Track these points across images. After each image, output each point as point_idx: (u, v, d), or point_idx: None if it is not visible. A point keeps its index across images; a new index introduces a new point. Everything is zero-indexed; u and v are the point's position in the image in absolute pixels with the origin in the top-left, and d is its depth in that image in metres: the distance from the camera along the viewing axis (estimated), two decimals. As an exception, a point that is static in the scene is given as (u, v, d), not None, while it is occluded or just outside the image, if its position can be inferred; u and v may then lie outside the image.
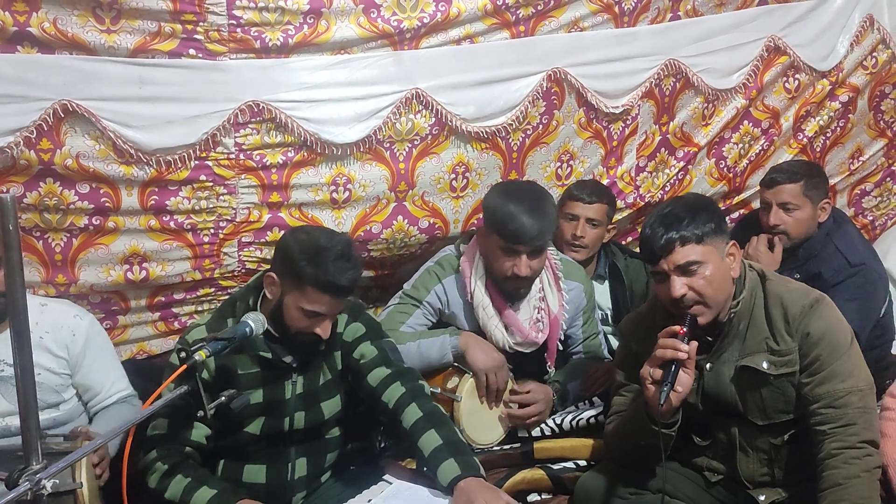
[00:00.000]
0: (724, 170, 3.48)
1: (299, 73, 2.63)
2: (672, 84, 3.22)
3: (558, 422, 2.58)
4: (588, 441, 2.48)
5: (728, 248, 2.08)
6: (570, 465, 2.44)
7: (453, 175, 2.93)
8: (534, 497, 2.42)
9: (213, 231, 2.72)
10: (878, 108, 3.65)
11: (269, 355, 2.17)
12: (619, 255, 3.12)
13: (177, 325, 2.87)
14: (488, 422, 2.53)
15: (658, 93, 3.20)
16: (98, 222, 2.58)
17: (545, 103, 2.98)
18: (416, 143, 2.83)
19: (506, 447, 2.53)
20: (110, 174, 2.52)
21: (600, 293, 3.08)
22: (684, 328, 1.98)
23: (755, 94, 3.37)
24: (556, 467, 2.44)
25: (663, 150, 3.33)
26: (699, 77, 3.23)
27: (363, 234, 2.85)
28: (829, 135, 3.63)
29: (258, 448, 2.23)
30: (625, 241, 3.46)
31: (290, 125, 2.63)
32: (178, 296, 2.83)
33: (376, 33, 2.66)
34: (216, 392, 1.90)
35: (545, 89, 2.95)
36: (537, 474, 2.42)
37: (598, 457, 2.42)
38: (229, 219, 2.71)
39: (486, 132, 2.90)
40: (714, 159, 3.47)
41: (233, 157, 2.63)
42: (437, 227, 2.97)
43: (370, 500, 2.06)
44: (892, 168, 3.82)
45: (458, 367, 2.53)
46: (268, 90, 2.59)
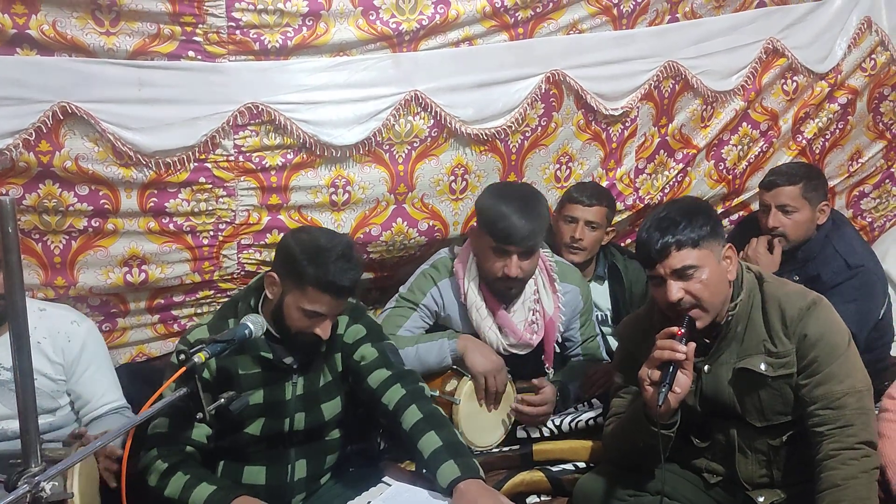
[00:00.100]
0: (724, 171, 3.49)
1: (298, 75, 2.63)
2: (671, 86, 3.22)
3: (557, 423, 2.58)
4: (587, 443, 2.48)
5: (724, 251, 2.07)
6: (569, 466, 2.44)
7: (452, 177, 2.93)
8: (533, 499, 2.42)
9: (212, 233, 2.72)
10: (877, 109, 3.66)
11: (270, 356, 2.17)
12: (618, 256, 3.11)
13: (176, 327, 2.87)
14: (487, 424, 2.52)
15: (657, 95, 3.20)
16: (97, 224, 2.58)
17: (544, 105, 2.99)
18: (415, 145, 2.83)
19: (505, 449, 2.53)
20: (109, 176, 2.52)
21: (600, 294, 3.08)
22: (682, 329, 1.98)
23: (754, 96, 3.38)
24: (555, 469, 2.44)
25: (662, 151, 3.33)
26: (698, 79, 3.24)
27: (362, 236, 2.85)
28: (827, 137, 3.63)
29: (258, 449, 2.23)
30: (624, 243, 3.46)
31: (290, 127, 2.63)
32: (178, 298, 2.83)
33: (375, 35, 2.67)
34: (217, 392, 1.90)
35: (544, 91, 2.96)
36: (536, 476, 2.42)
37: (597, 458, 2.42)
38: (228, 221, 2.72)
39: (485, 134, 2.90)
40: (713, 161, 3.47)
41: (232, 159, 2.64)
42: (436, 229, 2.97)
43: (369, 502, 2.05)
44: (891, 170, 3.82)
45: (456, 370, 2.52)
46: (267, 92, 2.59)
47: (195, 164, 2.60)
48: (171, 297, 2.82)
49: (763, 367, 2.05)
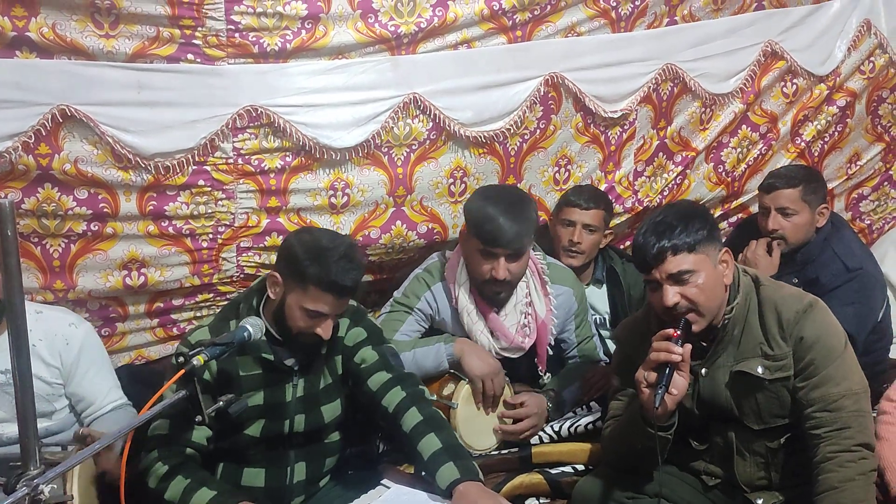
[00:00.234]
0: (723, 174, 3.49)
1: (297, 77, 2.64)
2: (669, 89, 3.23)
3: (556, 429, 2.57)
4: (586, 445, 2.48)
5: (721, 255, 2.07)
6: (567, 469, 2.44)
7: (451, 180, 2.93)
8: (532, 501, 2.42)
9: (211, 236, 2.72)
10: (876, 112, 3.66)
11: (272, 357, 2.17)
12: (616, 259, 3.11)
13: (175, 331, 2.88)
14: (485, 427, 2.52)
15: (656, 97, 3.20)
16: (96, 228, 2.58)
17: (542, 108, 2.99)
18: (414, 147, 2.84)
19: (504, 452, 2.53)
20: (108, 179, 2.52)
21: (598, 297, 3.08)
22: (678, 331, 1.97)
23: (753, 99, 3.38)
24: (553, 472, 2.43)
25: (661, 154, 3.33)
26: (696, 82, 3.24)
27: (362, 238, 2.85)
28: (826, 139, 3.63)
29: (257, 451, 2.23)
30: (623, 246, 3.45)
31: (289, 130, 2.64)
32: (177, 302, 2.83)
33: (374, 38, 2.67)
34: (218, 393, 1.90)
35: (542, 94, 2.96)
36: (535, 479, 2.41)
37: (595, 461, 2.42)
38: (228, 224, 2.72)
39: (484, 137, 2.91)
40: (712, 164, 3.47)
41: (231, 161, 2.64)
42: (435, 231, 2.97)
43: (368, 505, 2.06)
44: (890, 172, 3.81)
45: (453, 374, 2.52)
46: (266, 95, 2.60)
47: (194, 166, 2.60)
48: (171, 300, 2.82)
49: (760, 370, 2.05)
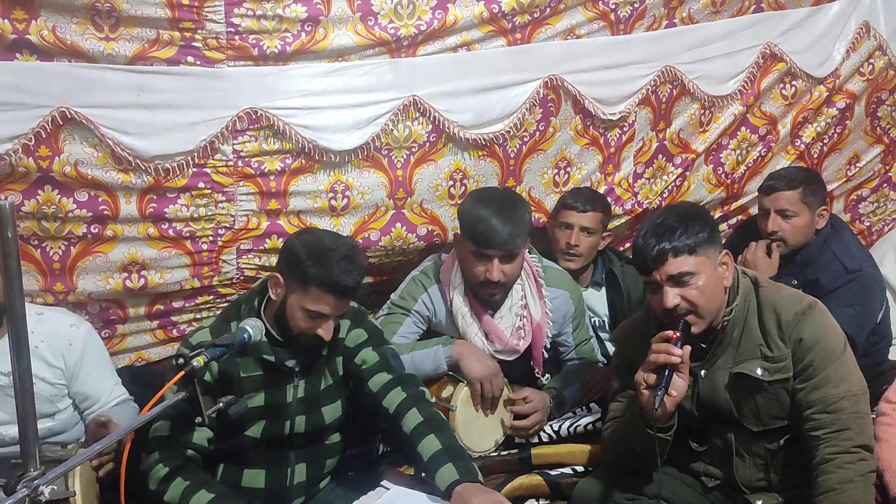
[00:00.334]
0: (722, 176, 3.49)
1: (297, 80, 2.64)
2: (669, 91, 3.23)
3: (556, 428, 2.58)
4: (585, 447, 2.48)
5: (721, 257, 2.07)
6: (567, 470, 2.44)
7: (451, 182, 2.93)
8: (531, 503, 2.42)
9: (211, 238, 2.73)
10: (875, 114, 3.66)
11: (272, 359, 2.18)
12: (615, 261, 3.10)
13: (175, 332, 2.88)
14: (484, 429, 2.53)
15: (655, 99, 3.21)
16: (96, 230, 2.58)
17: (542, 110, 2.99)
18: (413, 150, 2.84)
19: (503, 453, 2.53)
20: (109, 181, 2.53)
21: (597, 300, 3.08)
22: (677, 333, 1.98)
23: (752, 101, 3.38)
24: (553, 473, 2.43)
25: (661, 156, 3.33)
26: (695, 84, 3.24)
27: (362, 241, 2.85)
28: (826, 141, 3.63)
29: (258, 452, 2.24)
30: (622, 248, 3.45)
31: (289, 132, 2.64)
32: (177, 304, 2.83)
33: (374, 41, 2.68)
34: (219, 394, 1.91)
35: (542, 96, 2.96)
36: (535, 480, 2.42)
37: (595, 462, 2.42)
38: (228, 226, 2.72)
39: (484, 139, 2.91)
40: (712, 166, 3.47)
41: (231, 164, 2.64)
42: (435, 234, 2.97)
43: (367, 506, 2.06)
44: (889, 174, 3.81)
45: (452, 376, 2.53)
46: (266, 97, 2.60)
47: (194, 169, 2.61)
48: (171, 302, 2.82)
49: (759, 371, 2.06)
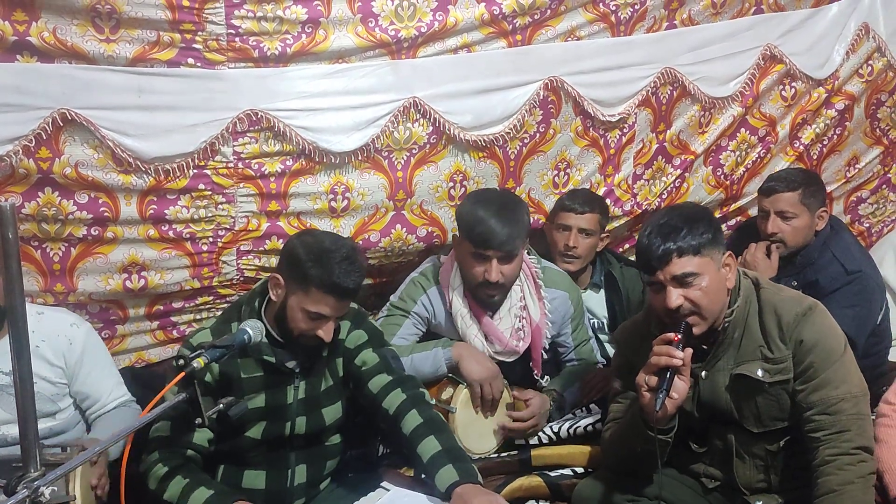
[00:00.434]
0: (721, 177, 3.49)
1: (297, 81, 2.64)
2: (669, 92, 3.23)
3: (556, 430, 2.58)
4: (585, 448, 2.48)
5: (724, 258, 2.07)
6: (567, 472, 2.44)
7: (451, 183, 2.94)
8: (531, 504, 2.43)
9: (211, 240, 2.73)
10: (875, 115, 3.66)
11: (273, 360, 2.18)
12: (614, 263, 3.11)
13: (175, 333, 2.88)
14: (484, 431, 2.53)
15: (655, 101, 3.21)
16: (97, 232, 2.58)
17: (542, 112, 2.99)
18: (414, 151, 2.84)
19: (503, 455, 2.53)
20: (109, 183, 2.53)
21: (596, 302, 3.08)
22: (679, 335, 1.98)
23: (752, 103, 3.38)
24: (553, 474, 2.43)
25: (660, 157, 3.34)
26: (696, 85, 3.24)
27: (361, 242, 2.85)
28: (825, 142, 3.64)
29: (258, 453, 2.24)
30: (621, 249, 3.46)
31: (289, 134, 2.64)
32: (177, 304, 2.83)
33: (374, 42, 2.68)
34: (220, 395, 1.91)
35: (542, 98, 2.96)
36: (535, 481, 2.42)
37: (595, 464, 2.42)
38: (228, 227, 2.72)
39: (484, 141, 2.91)
40: (711, 167, 3.47)
41: (231, 165, 2.64)
42: (435, 235, 2.97)
43: (368, 507, 2.07)
44: (888, 175, 3.82)
45: (452, 378, 2.53)
46: (266, 99, 2.60)
47: (194, 170, 2.61)
48: (171, 303, 2.82)
49: (760, 372, 2.06)
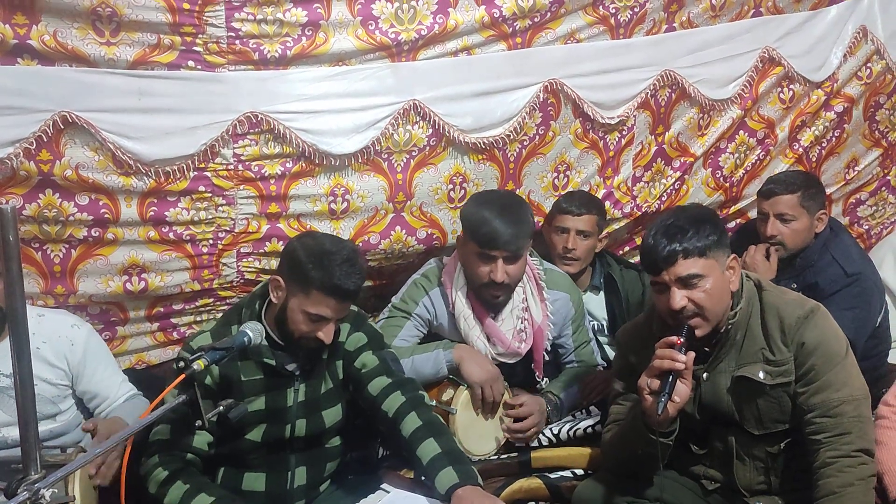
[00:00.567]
0: (721, 179, 3.49)
1: (297, 84, 2.64)
2: (668, 95, 3.23)
3: (556, 432, 2.58)
4: (585, 450, 2.48)
5: (729, 261, 2.07)
6: (567, 473, 2.44)
7: (451, 186, 2.94)
8: (531, 506, 2.43)
9: (211, 242, 2.73)
10: (873, 118, 3.67)
11: (273, 362, 2.18)
12: (614, 265, 3.10)
13: (175, 335, 2.88)
14: (484, 433, 2.53)
15: (654, 103, 3.21)
16: (97, 234, 2.58)
17: (542, 114, 2.99)
18: (413, 154, 2.84)
19: (503, 456, 2.53)
20: (109, 185, 2.53)
21: (595, 304, 3.08)
22: (681, 338, 1.98)
23: (750, 105, 3.38)
24: (553, 476, 2.44)
25: (659, 160, 3.34)
26: (695, 87, 3.24)
27: (361, 244, 2.85)
28: (824, 145, 3.64)
29: (258, 455, 2.24)
30: (621, 252, 3.46)
31: (289, 136, 2.64)
32: (177, 306, 2.83)
33: (374, 45, 2.68)
34: (220, 398, 1.91)
35: (542, 100, 2.97)
36: (534, 483, 2.42)
37: (595, 466, 2.42)
38: (228, 229, 2.72)
39: (484, 143, 2.91)
40: (710, 169, 3.47)
41: (231, 168, 2.64)
42: (434, 237, 2.98)
43: (368, 509, 2.07)
44: (888, 178, 3.82)
45: (452, 380, 2.53)
46: (266, 101, 2.60)
47: (195, 172, 2.61)
48: (171, 305, 2.82)
49: (761, 375, 2.06)
